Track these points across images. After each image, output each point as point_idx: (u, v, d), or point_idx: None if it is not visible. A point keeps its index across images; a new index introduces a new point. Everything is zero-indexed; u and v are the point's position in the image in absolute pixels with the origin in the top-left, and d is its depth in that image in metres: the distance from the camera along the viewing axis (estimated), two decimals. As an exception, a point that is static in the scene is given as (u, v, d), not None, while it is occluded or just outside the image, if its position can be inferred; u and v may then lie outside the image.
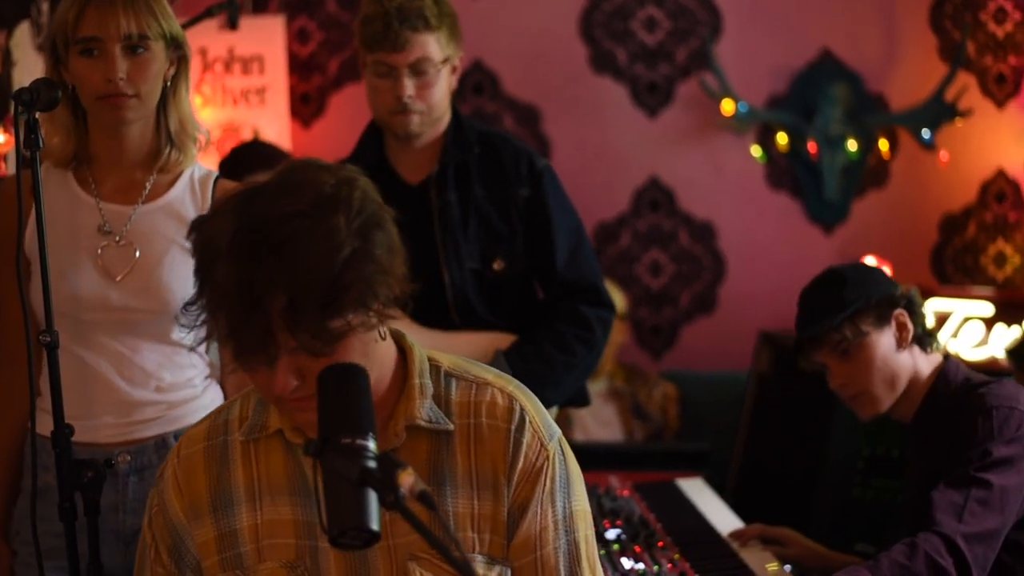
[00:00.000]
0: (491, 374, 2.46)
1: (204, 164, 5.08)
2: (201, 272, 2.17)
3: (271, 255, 2.08)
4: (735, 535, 3.85)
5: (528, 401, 2.44)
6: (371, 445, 2.06)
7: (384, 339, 2.30)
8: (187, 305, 2.22)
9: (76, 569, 2.87)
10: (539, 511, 2.39)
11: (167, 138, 3.22)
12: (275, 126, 6.41)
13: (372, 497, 2.00)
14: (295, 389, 2.17)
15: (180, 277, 3.18)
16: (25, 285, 2.98)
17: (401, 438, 2.35)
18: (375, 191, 2.24)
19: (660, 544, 3.68)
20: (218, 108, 6.40)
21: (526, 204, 3.85)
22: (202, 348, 3.31)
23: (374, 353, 2.26)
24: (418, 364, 2.40)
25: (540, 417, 2.43)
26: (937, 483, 3.26)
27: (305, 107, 6.70)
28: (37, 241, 2.91)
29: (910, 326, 3.50)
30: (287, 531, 2.37)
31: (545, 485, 2.40)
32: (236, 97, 6.44)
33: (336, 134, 3.95)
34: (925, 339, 3.53)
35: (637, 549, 3.61)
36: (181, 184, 3.26)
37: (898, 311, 3.50)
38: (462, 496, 2.37)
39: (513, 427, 2.39)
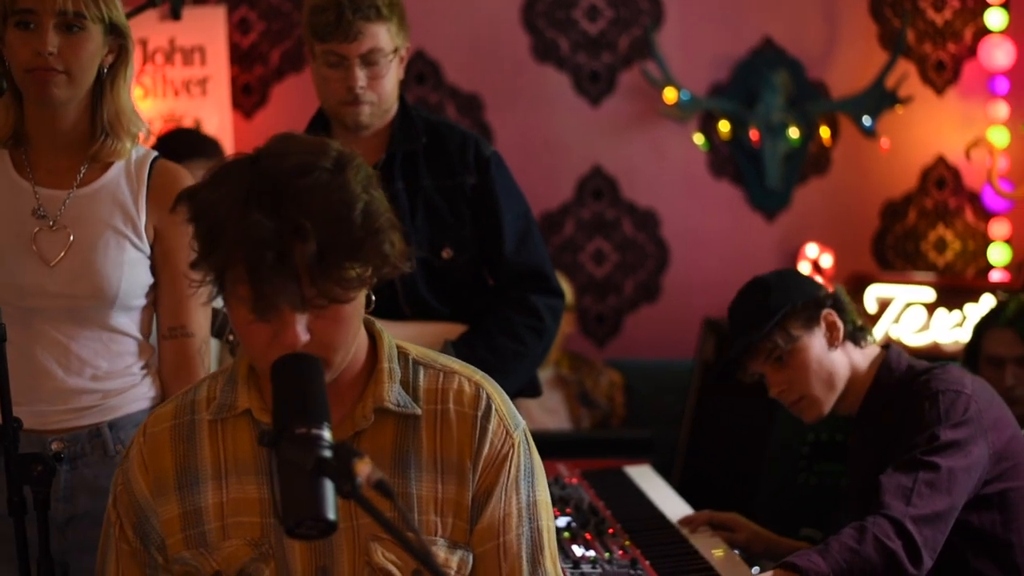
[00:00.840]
0: (457, 363, 2.50)
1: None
2: (207, 236, 2.17)
3: (296, 203, 2.12)
4: (684, 521, 3.86)
5: (494, 390, 2.47)
6: (326, 434, 2.05)
7: (371, 307, 2.33)
8: (193, 264, 2.23)
9: (26, 564, 2.86)
10: (503, 497, 2.42)
11: (101, 127, 3.19)
12: (217, 117, 6.39)
13: (328, 486, 1.99)
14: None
15: (114, 261, 3.16)
16: None
17: (369, 420, 2.37)
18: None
19: (610, 531, 3.69)
20: (159, 99, 6.37)
21: (474, 192, 3.85)
22: (139, 333, 3.30)
23: (360, 321, 2.32)
24: (387, 349, 2.43)
25: (506, 407, 2.46)
26: (885, 469, 3.28)
27: (247, 98, 6.66)
28: None
29: (840, 324, 3.51)
30: (252, 510, 2.38)
31: (510, 473, 2.42)
32: (177, 88, 6.41)
33: (278, 124, 3.94)
34: (857, 334, 3.55)
35: (587, 536, 3.61)
36: (116, 167, 3.23)
37: (826, 311, 3.52)
38: (426, 480, 2.39)
39: (479, 414, 2.42)
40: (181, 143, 5.12)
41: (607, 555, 3.47)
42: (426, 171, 3.82)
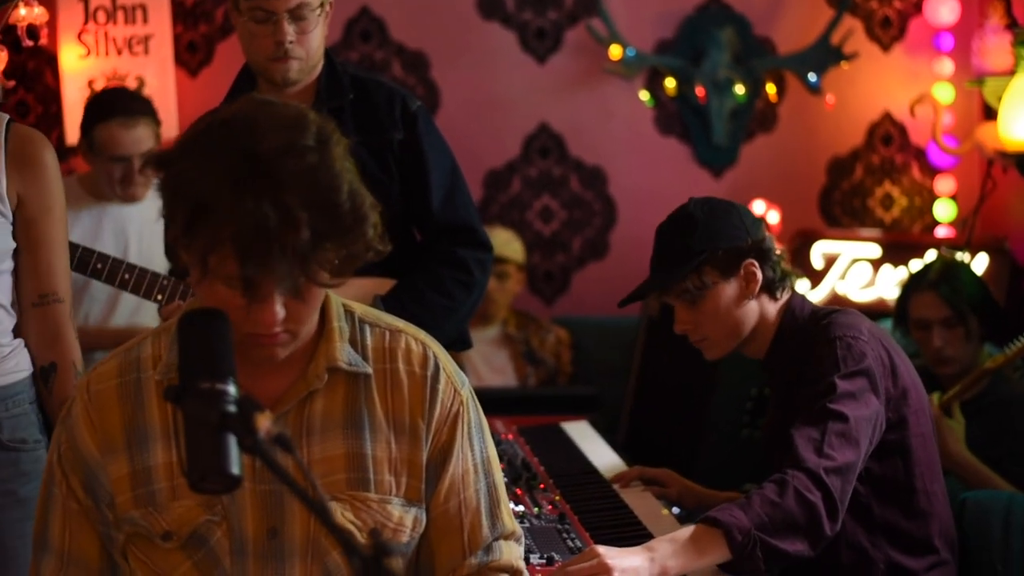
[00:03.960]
0: (400, 322, 2.52)
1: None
2: (191, 212, 2.14)
3: (288, 192, 2.10)
4: (616, 478, 3.87)
5: (439, 349, 2.51)
6: (231, 389, 2.05)
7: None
8: (170, 247, 2.24)
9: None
10: (460, 455, 2.47)
11: None
12: (160, 75, 6.34)
13: (232, 441, 2.00)
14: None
15: None
16: None
17: (323, 380, 2.39)
18: None
19: (541, 486, 3.70)
20: (102, 58, 6.32)
21: (401, 147, 3.84)
22: (7, 301, 3.28)
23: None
24: (336, 308, 2.44)
25: (451, 365, 2.51)
26: (791, 415, 3.30)
27: (192, 56, 6.61)
28: None
29: (759, 276, 3.46)
30: None
31: (463, 430, 2.47)
32: (120, 46, 6.35)
33: (224, 83, 3.92)
34: (775, 285, 3.51)
35: (518, 492, 3.62)
36: None
37: (747, 261, 3.46)
38: (380, 440, 2.42)
39: (429, 373, 2.45)
40: (109, 101, 5.09)
41: (536, 510, 3.48)
42: (353, 127, 3.80)
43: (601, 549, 2.91)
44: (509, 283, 6.40)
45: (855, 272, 6.62)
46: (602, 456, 4.19)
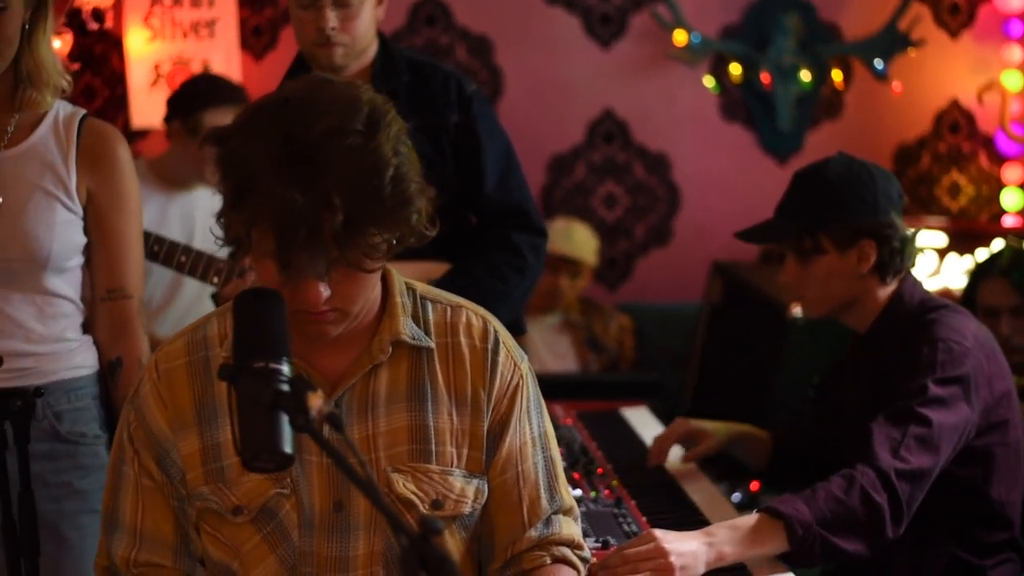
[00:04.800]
0: (461, 299, 2.58)
1: (155, 98, 5.06)
2: (239, 190, 2.19)
3: (328, 171, 2.14)
4: (654, 458, 3.83)
5: (498, 325, 2.58)
6: (285, 369, 2.07)
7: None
8: (218, 217, 2.26)
9: (7, 496, 2.88)
10: (519, 427, 2.51)
11: (21, 78, 3.20)
12: (225, 59, 6.37)
13: (285, 420, 2.01)
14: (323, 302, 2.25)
15: (45, 223, 3.18)
16: None
17: (387, 353, 2.43)
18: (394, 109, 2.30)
19: (599, 471, 3.69)
20: (168, 41, 6.35)
21: (456, 130, 3.84)
22: (76, 295, 3.31)
23: (379, 276, 2.39)
24: (398, 284, 2.49)
25: (510, 340, 2.58)
26: (878, 406, 3.27)
27: (257, 40, 6.64)
28: None
29: (872, 258, 3.42)
30: None
31: (522, 403, 2.52)
32: (186, 30, 6.38)
33: (288, 67, 3.95)
34: (887, 269, 3.45)
35: (576, 476, 3.61)
36: (44, 127, 3.26)
37: (865, 241, 3.41)
38: (442, 412, 2.46)
39: (490, 347, 2.51)
40: (202, 89, 5.14)
41: (593, 494, 3.47)
42: (409, 110, 3.79)
43: (658, 533, 2.90)
44: (580, 281, 6.41)
45: (921, 261, 6.57)
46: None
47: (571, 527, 2.60)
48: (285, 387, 2.03)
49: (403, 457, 2.43)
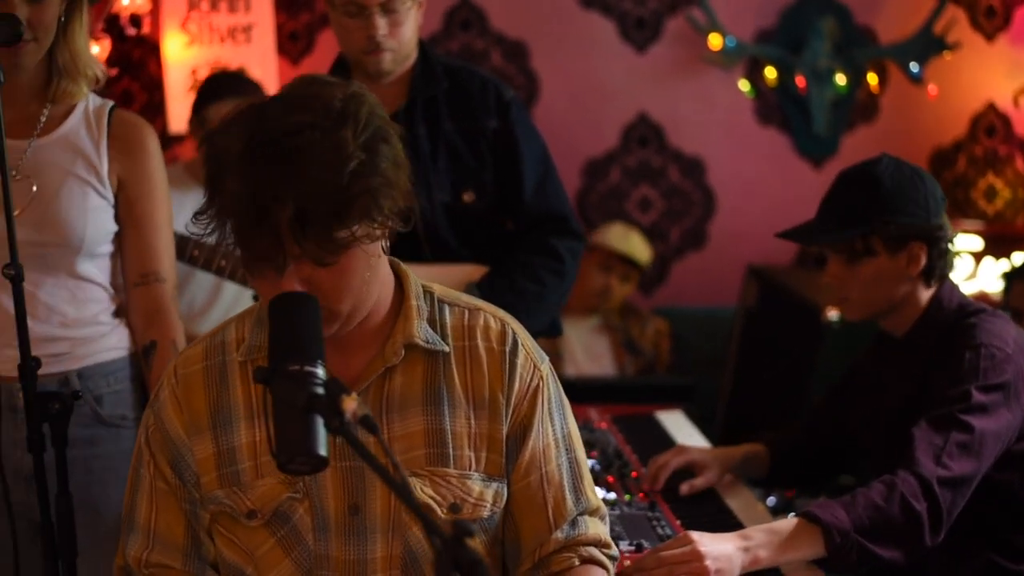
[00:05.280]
0: (479, 301, 2.57)
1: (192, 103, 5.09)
2: (211, 182, 2.23)
3: (280, 165, 2.15)
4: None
5: (518, 327, 2.55)
6: (319, 372, 2.09)
7: (386, 253, 2.39)
8: (197, 215, 2.28)
9: (45, 498, 2.90)
10: (541, 429, 2.50)
11: (57, 71, 3.24)
12: (262, 64, 6.40)
13: (319, 423, 2.03)
14: None
15: (78, 208, 3.21)
16: None
17: (400, 356, 2.43)
18: (381, 107, 2.30)
19: (633, 474, 3.70)
20: (205, 46, 6.38)
21: (494, 136, 3.87)
22: (107, 281, 3.34)
23: (377, 269, 2.36)
24: (414, 287, 2.49)
25: (530, 342, 2.55)
26: (918, 410, 3.25)
27: (293, 45, 6.68)
28: None
29: (922, 261, 3.37)
30: None
31: (543, 405, 2.51)
32: (223, 35, 6.42)
33: (325, 71, 3.98)
34: (934, 273, 3.41)
35: (610, 479, 3.62)
36: (76, 116, 3.30)
37: (917, 243, 3.36)
38: (459, 416, 2.46)
39: (508, 349, 2.50)
40: (220, 83, 5.18)
41: (627, 497, 3.49)
42: (447, 115, 3.84)
43: (695, 535, 2.90)
44: (628, 285, 6.43)
45: (957, 265, 6.54)
46: (695, 445, 4.17)
47: (598, 526, 2.60)
48: (320, 390, 2.05)
49: (420, 461, 2.43)
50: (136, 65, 6.39)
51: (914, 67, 6.75)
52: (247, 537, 2.45)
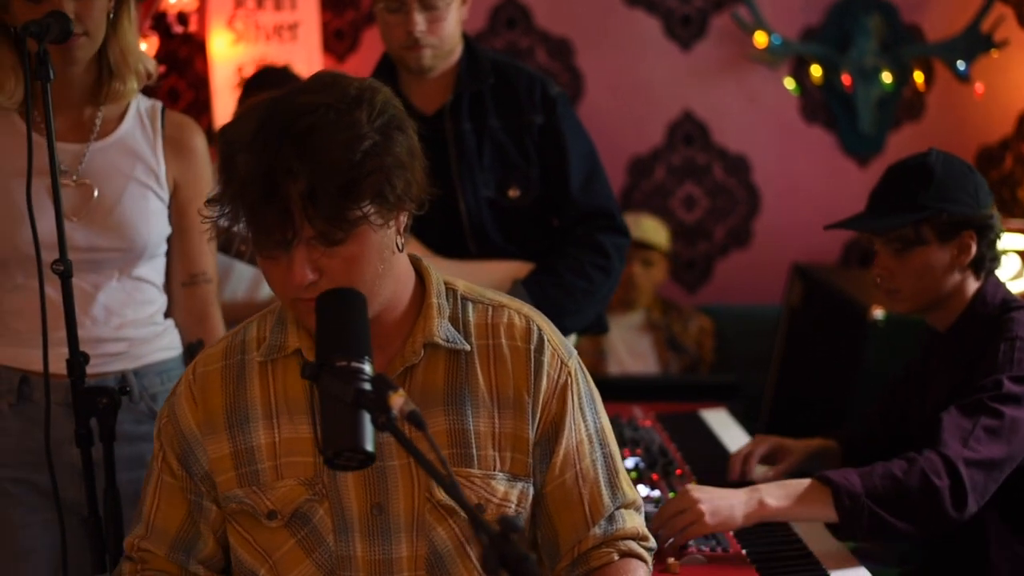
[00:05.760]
0: (505, 298, 2.55)
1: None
2: (225, 166, 2.24)
3: (292, 141, 2.16)
4: (737, 474, 3.81)
5: (544, 322, 2.53)
6: (366, 368, 2.10)
7: (401, 250, 2.36)
8: (210, 201, 2.29)
9: (93, 493, 2.92)
10: (573, 426, 2.49)
11: (108, 69, 3.25)
12: (308, 62, 6.42)
13: (366, 419, 2.04)
14: (310, 286, 2.24)
15: (141, 213, 3.24)
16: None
17: (419, 355, 2.42)
18: (398, 101, 2.31)
19: (678, 472, 3.70)
20: (251, 44, 6.41)
21: (540, 131, 3.87)
22: (160, 282, 3.37)
23: (391, 262, 2.33)
24: (435, 286, 2.47)
25: (557, 337, 2.53)
26: (953, 397, 3.27)
27: (339, 43, 6.70)
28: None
29: (973, 251, 3.37)
30: (306, 449, 2.42)
31: (574, 401, 2.49)
32: (269, 33, 6.45)
33: (370, 69, 3.98)
34: (984, 264, 3.41)
35: (654, 477, 3.63)
36: (130, 118, 3.32)
37: (968, 232, 3.36)
38: (483, 415, 2.44)
39: (533, 347, 2.48)
40: (266, 77, 5.20)
41: (671, 495, 3.48)
42: (493, 111, 3.84)
43: (692, 486, 3.04)
44: (654, 270, 6.40)
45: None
46: (739, 443, 4.15)
47: (635, 519, 2.59)
48: (367, 386, 2.06)
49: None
50: (183, 63, 6.43)
51: (961, 65, 6.71)
52: (266, 538, 2.46)
